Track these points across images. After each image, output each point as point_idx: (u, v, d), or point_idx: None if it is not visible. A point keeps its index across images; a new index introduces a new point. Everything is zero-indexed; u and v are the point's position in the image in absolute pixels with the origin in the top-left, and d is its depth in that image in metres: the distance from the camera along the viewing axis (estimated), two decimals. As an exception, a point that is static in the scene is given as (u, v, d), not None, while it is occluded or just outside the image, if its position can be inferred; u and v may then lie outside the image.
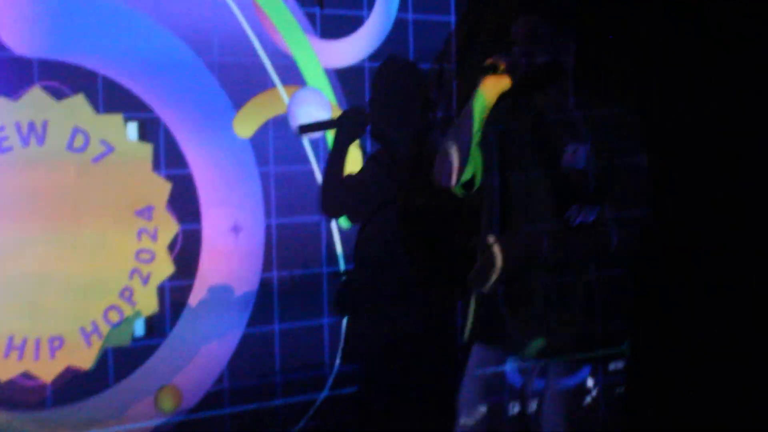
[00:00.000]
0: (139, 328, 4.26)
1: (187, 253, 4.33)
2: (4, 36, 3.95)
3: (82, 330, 4.10)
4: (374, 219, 3.64)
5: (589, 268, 2.98)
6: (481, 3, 4.78)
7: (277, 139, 4.53)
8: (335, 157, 3.67)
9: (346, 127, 3.67)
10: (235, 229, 4.44)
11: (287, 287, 4.54)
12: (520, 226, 3.01)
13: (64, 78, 4.07)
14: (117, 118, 4.19)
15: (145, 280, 4.22)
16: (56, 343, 4.05)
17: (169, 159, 4.29)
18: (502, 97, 2.96)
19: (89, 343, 4.12)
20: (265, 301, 4.50)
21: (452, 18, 4.95)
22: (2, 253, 3.93)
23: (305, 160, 4.51)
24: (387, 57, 3.85)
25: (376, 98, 3.73)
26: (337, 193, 3.67)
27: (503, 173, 3.05)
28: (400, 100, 3.69)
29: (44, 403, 4.06)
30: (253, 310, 4.48)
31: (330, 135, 4.33)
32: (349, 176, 3.68)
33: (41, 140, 4.02)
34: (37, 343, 4.01)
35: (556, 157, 2.97)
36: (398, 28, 4.79)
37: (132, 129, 4.24)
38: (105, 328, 4.14)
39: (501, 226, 3.04)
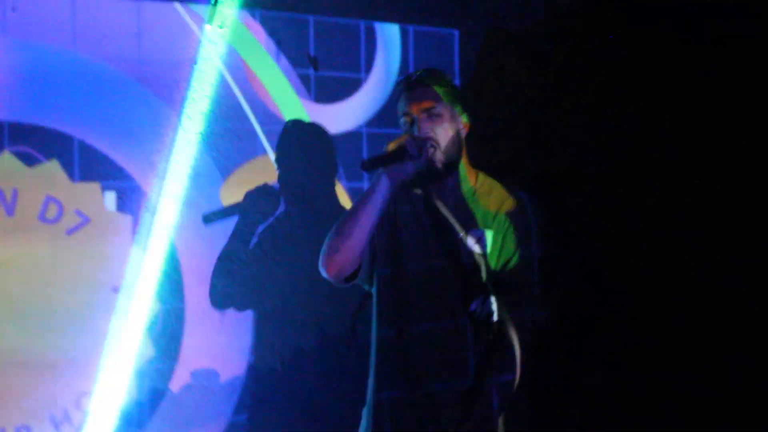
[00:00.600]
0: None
1: (168, 334, 3.98)
2: (-28, 97, 3.66)
3: (52, 419, 3.74)
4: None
5: None
6: (487, 69, 4.55)
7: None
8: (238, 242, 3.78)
9: (254, 209, 3.78)
10: (221, 307, 4.09)
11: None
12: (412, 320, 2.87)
13: (36, 143, 3.77)
14: (94, 187, 3.87)
15: (122, 364, 3.87)
16: (23, 433, 3.69)
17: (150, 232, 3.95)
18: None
19: (59, 434, 3.76)
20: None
21: (457, 82, 4.66)
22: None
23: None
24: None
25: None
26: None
27: (397, 263, 2.89)
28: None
29: (8, 500, 3.68)
30: (240, 395, 4.12)
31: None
32: None
33: (11, 210, 3.70)
34: (2, 433, 3.65)
35: (458, 244, 2.85)
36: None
37: (110, 198, 3.92)
38: (77, 416, 3.78)
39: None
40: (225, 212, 3.78)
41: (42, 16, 3.81)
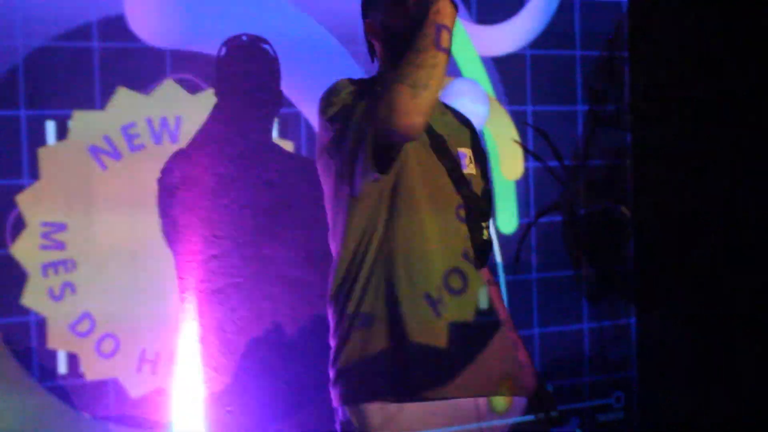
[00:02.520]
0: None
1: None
2: (134, 26, 3.66)
3: (218, 344, 3.77)
4: None
5: None
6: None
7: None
8: None
9: None
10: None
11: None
12: None
13: (198, 70, 3.76)
14: (255, 113, 3.85)
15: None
16: (191, 358, 3.72)
17: (312, 151, 3.91)
18: None
19: (226, 359, 3.78)
20: None
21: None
22: (133, 260, 3.63)
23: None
24: None
25: None
26: None
27: None
28: None
29: (177, 424, 3.73)
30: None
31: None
32: None
33: (174, 137, 3.71)
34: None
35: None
36: (563, 9, 4.32)
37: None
38: (243, 343, 3.80)
39: None
40: None
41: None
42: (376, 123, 2.47)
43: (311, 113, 3.92)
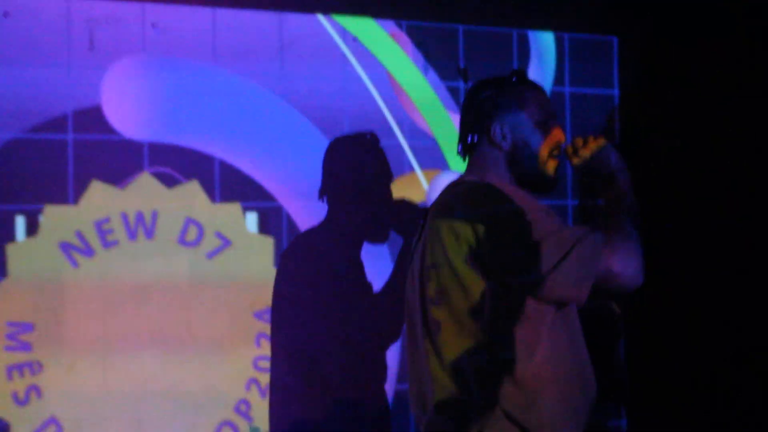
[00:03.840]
0: (257, 448, 3.72)
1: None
2: (112, 118, 3.55)
3: (192, 450, 3.60)
4: None
5: None
6: (650, 77, 4.23)
7: (416, 231, 3.98)
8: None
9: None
10: (367, 334, 3.89)
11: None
12: None
13: (176, 163, 3.64)
14: (235, 208, 3.72)
15: (264, 393, 3.70)
16: (162, 465, 3.55)
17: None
18: None
19: (200, 466, 3.61)
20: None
21: (615, 92, 4.35)
22: (105, 359, 3.48)
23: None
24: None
25: None
26: None
27: None
28: None
29: None
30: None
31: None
32: None
33: (150, 233, 3.58)
34: (141, 464, 3.52)
35: None
36: (553, 102, 4.21)
37: (252, 220, 3.76)
38: (217, 448, 3.63)
39: None
40: None
41: (182, 32, 3.69)
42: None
43: (293, 208, 3.79)
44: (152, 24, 3.65)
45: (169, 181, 3.63)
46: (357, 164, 3.35)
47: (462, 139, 2.60)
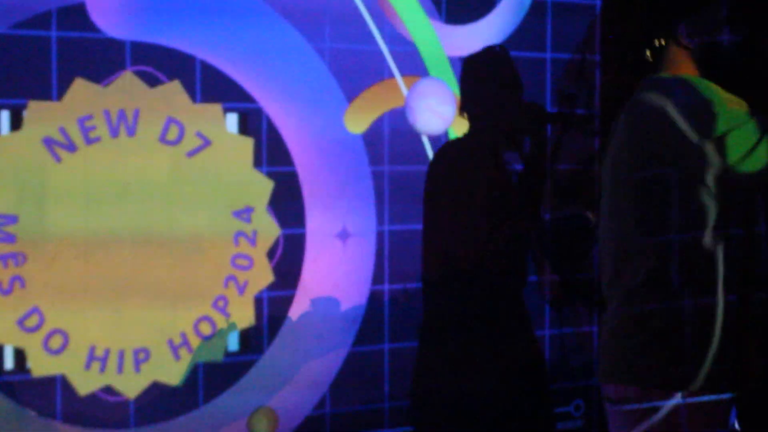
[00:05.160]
0: (233, 343, 3.83)
1: (288, 260, 3.90)
2: (95, 16, 3.59)
3: (170, 342, 3.71)
4: None
5: None
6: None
7: (394, 136, 4.05)
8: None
9: None
10: (343, 234, 3.98)
11: (399, 302, 4.06)
12: None
13: (158, 63, 3.69)
14: (215, 108, 3.78)
15: (242, 290, 3.81)
16: (141, 355, 3.67)
17: (272, 155, 3.86)
18: None
19: (177, 357, 3.72)
20: (375, 316, 4.03)
21: (598, 1, 4.38)
22: (86, 254, 3.57)
23: (424, 159, 4.01)
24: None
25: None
26: None
27: None
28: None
29: (127, 421, 3.67)
30: (361, 326, 4.02)
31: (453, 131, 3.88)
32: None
33: (132, 131, 3.65)
34: (121, 355, 3.64)
35: None
36: (535, 11, 4.26)
37: (232, 120, 3.83)
38: (195, 341, 3.75)
39: None
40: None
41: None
42: None
43: (273, 110, 3.85)
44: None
45: (151, 80, 3.68)
46: (491, 77, 3.33)
47: (648, 43, 2.66)
